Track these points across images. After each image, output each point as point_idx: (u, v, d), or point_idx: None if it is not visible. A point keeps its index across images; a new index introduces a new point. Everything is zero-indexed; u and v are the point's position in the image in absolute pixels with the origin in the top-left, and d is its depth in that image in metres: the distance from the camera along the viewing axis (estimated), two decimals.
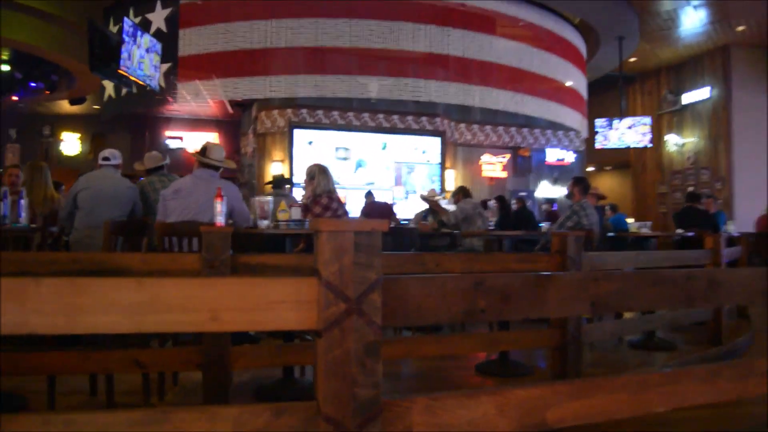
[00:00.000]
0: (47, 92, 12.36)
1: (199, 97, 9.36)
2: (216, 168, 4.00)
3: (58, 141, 16.16)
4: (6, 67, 12.30)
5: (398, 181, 11.99)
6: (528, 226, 7.56)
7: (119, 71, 5.85)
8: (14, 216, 3.61)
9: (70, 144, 16.22)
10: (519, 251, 6.19)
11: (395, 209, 9.50)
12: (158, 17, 8.62)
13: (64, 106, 14.05)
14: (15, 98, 12.96)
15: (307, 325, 1.41)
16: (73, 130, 16.17)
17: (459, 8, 9.70)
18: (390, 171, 11.95)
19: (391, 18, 9.30)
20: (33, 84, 12.27)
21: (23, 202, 3.69)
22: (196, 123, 16.11)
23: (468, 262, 3.35)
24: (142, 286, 1.32)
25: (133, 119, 15.00)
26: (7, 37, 9.18)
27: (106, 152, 4.64)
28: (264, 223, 3.47)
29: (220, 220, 3.18)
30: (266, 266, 3.13)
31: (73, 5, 9.33)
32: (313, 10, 8.94)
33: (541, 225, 8.08)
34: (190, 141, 15.99)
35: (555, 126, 12.92)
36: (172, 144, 15.85)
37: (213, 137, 16.17)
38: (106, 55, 5.72)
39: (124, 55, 5.89)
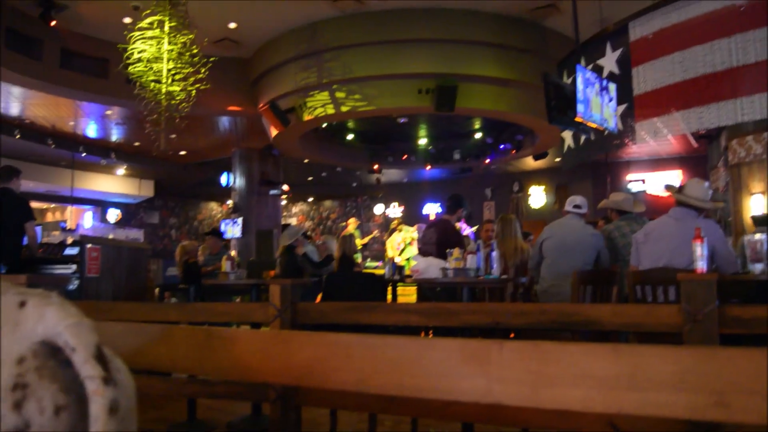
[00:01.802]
0: (514, 152, 13.39)
1: (659, 135, 8.79)
2: (696, 207, 3.47)
3: (525, 195, 17.37)
4: (478, 135, 13.82)
5: None
6: None
7: (576, 119, 5.84)
8: (487, 267, 3.79)
9: (537, 197, 17.24)
10: None
11: None
12: (609, 61, 8.48)
13: (529, 162, 15.01)
14: (488, 161, 14.42)
15: None
16: (538, 183, 17.17)
17: None
18: None
19: None
20: (502, 146, 13.46)
21: (495, 254, 3.85)
22: (657, 163, 15.35)
23: None
24: (619, 354, 1.04)
25: (593, 166, 15.11)
26: (472, 107, 10.25)
27: (577, 200, 4.56)
28: (758, 267, 2.84)
29: (701, 265, 2.70)
30: (762, 321, 2.52)
31: (527, 67, 9.93)
32: None
33: None
34: (652, 182, 15.28)
35: None
36: (634, 187, 15.38)
37: (676, 175, 15.15)
38: (562, 106, 5.78)
39: (580, 102, 5.87)
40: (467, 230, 8.63)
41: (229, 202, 17.38)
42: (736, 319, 2.45)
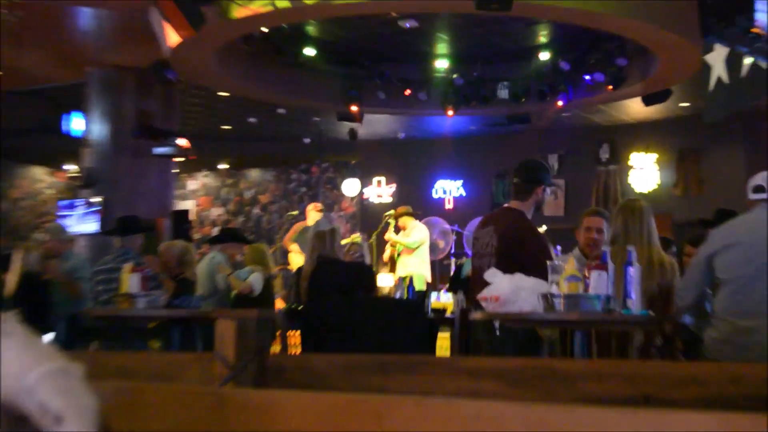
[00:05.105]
0: (610, 87, 13.44)
1: None
2: None
3: (624, 168, 17.25)
4: (545, 55, 13.83)
5: None
6: None
7: (754, 30, 5.95)
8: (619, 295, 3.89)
9: (644, 172, 17.17)
10: None
11: None
12: None
13: (634, 108, 15.12)
14: (560, 104, 14.47)
15: None
16: (647, 148, 17.17)
17: None
18: None
19: None
20: (588, 77, 13.51)
21: (632, 270, 3.92)
22: None
23: None
24: None
25: (746, 119, 15.21)
26: (544, 3, 10.31)
27: (759, 178, 4.65)
28: None
29: None
30: None
31: None
32: None
33: None
34: None
35: None
36: None
37: None
38: (726, 9, 5.87)
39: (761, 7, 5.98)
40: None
41: (74, 167, 17.16)
42: None
